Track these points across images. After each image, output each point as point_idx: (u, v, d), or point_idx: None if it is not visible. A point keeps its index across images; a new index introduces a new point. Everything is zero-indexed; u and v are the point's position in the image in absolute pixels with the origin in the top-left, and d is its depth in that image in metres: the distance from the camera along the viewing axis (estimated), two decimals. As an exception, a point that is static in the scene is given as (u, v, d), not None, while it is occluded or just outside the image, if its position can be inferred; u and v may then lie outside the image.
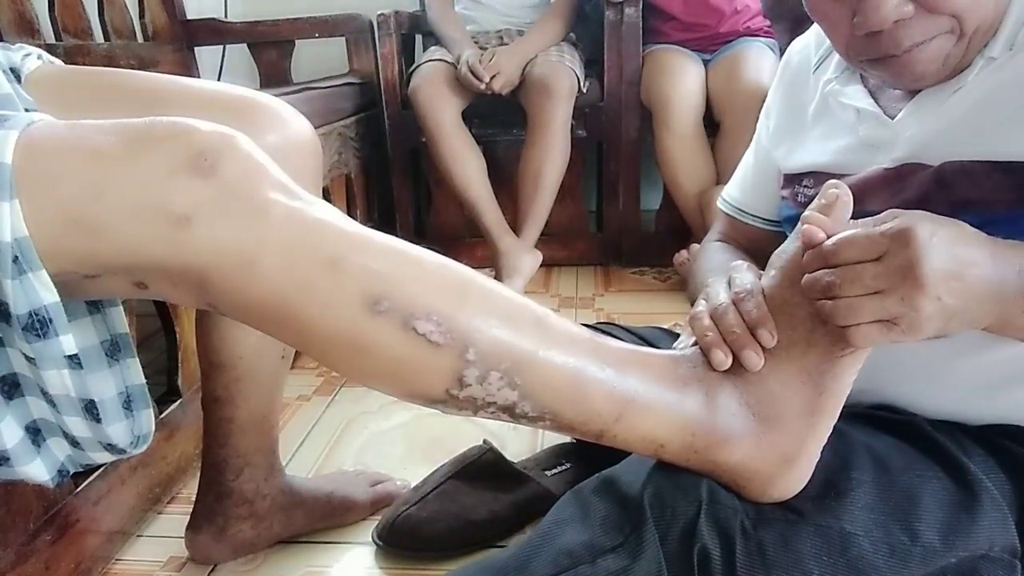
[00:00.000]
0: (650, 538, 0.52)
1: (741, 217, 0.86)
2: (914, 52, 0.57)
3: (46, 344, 0.45)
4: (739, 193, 0.87)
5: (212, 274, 0.45)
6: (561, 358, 0.50)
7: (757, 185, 0.84)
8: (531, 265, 1.68)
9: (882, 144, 0.65)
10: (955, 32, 0.56)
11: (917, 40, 0.56)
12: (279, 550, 0.89)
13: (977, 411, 0.63)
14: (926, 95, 0.62)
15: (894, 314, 0.48)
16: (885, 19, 0.55)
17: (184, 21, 1.85)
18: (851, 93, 0.67)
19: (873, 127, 0.65)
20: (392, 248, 0.49)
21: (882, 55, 0.59)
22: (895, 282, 0.47)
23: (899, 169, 0.63)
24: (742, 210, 0.86)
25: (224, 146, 0.45)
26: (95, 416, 0.51)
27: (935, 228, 0.47)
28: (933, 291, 0.47)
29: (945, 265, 0.47)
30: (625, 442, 0.53)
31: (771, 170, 0.80)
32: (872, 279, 0.48)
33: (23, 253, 0.42)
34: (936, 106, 0.61)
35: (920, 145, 0.62)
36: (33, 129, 0.44)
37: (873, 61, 0.60)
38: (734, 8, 1.73)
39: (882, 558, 0.53)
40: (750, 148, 0.86)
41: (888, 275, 0.48)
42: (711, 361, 0.55)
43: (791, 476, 0.54)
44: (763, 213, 0.84)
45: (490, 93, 1.64)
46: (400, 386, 0.50)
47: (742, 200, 0.87)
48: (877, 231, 0.49)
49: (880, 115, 0.65)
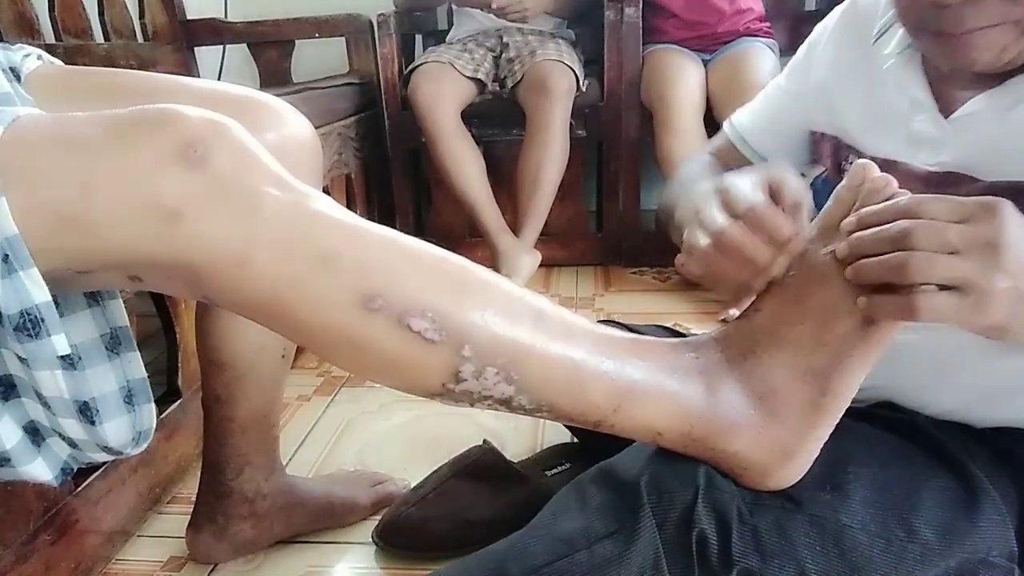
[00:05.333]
0: (647, 524, 0.52)
1: (741, 147, 0.82)
2: (974, 35, 0.53)
3: (38, 344, 0.44)
4: (749, 122, 0.82)
5: (205, 270, 0.44)
6: (559, 351, 0.50)
7: (773, 122, 0.79)
8: (530, 265, 1.68)
9: (930, 143, 0.61)
10: (1020, 25, 0.52)
11: (981, 23, 0.52)
12: (279, 550, 0.89)
13: (984, 413, 0.62)
14: (984, 99, 0.57)
15: (969, 280, 0.46)
16: None
17: (184, 21, 1.85)
18: (909, 78, 0.63)
19: (924, 122, 0.61)
20: (388, 241, 0.48)
21: (939, 30, 0.55)
22: (977, 247, 0.46)
23: (944, 175, 0.60)
24: (744, 140, 0.81)
25: (214, 135, 0.44)
26: (89, 418, 0.51)
27: (1019, 214, 0.46)
28: (1011, 266, 0.45)
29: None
30: (623, 431, 0.53)
31: (797, 115, 0.76)
32: (956, 237, 0.46)
33: (13, 251, 0.41)
34: (995, 115, 0.57)
35: (971, 155, 0.59)
36: (18, 124, 0.43)
37: (927, 32, 0.56)
38: (735, 8, 1.73)
39: (877, 552, 0.53)
40: (777, 80, 0.80)
41: (972, 238, 0.46)
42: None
43: (788, 469, 0.54)
44: (766, 152, 0.79)
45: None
46: (396, 380, 0.49)
47: (750, 130, 0.81)
48: (964, 199, 0.47)
49: (934, 111, 0.61)
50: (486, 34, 1.82)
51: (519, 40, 1.77)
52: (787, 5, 1.88)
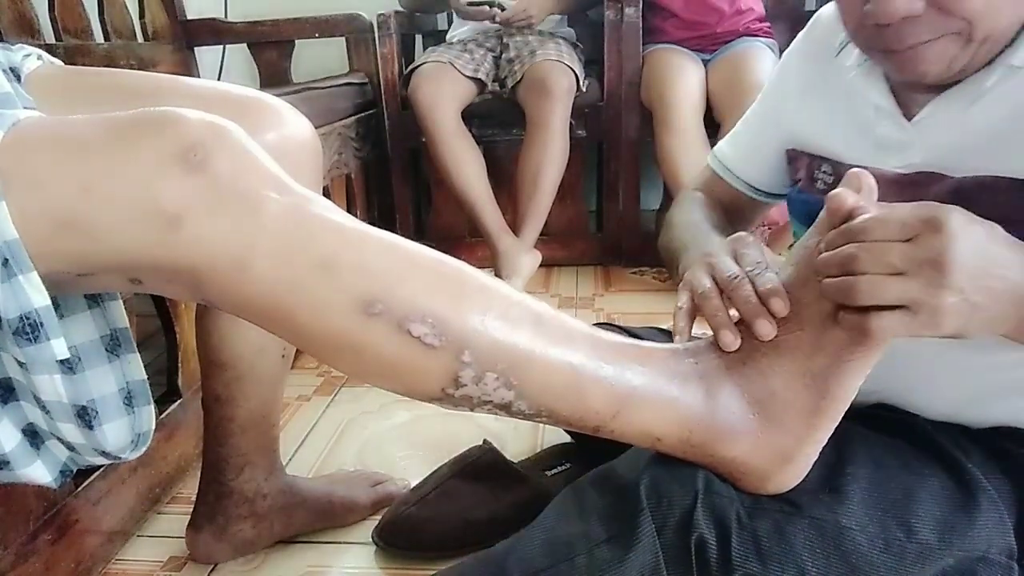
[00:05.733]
0: (646, 528, 0.52)
1: (727, 177, 0.84)
2: (918, 49, 0.55)
3: (37, 348, 0.44)
4: (731, 153, 0.84)
5: (205, 274, 0.44)
6: (558, 357, 0.50)
7: (753, 149, 0.82)
8: (530, 265, 1.68)
9: (897, 147, 0.63)
10: (963, 35, 0.54)
11: (922, 39, 0.54)
12: (279, 550, 0.89)
13: (980, 414, 0.62)
14: (945, 99, 0.59)
15: (915, 300, 0.46)
16: (894, 14, 0.53)
17: (184, 21, 1.85)
18: (871, 86, 0.65)
19: (889, 128, 0.63)
20: (388, 246, 0.48)
21: (885, 47, 0.57)
22: (921, 267, 0.46)
23: (913, 176, 0.61)
24: (729, 170, 0.83)
25: (214, 139, 0.44)
26: (87, 422, 0.51)
27: (968, 222, 0.47)
28: (957, 282, 0.46)
29: (973, 260, 0.46)
30: (623, 436, 0.53)
31: (773, 139, 0.78)
32: (899, 258, 0.47)
33: (13, 255, 0.41)
34: (957, 113, 0.59)
35: (938, 154, 0.60)
36: (18, 128, 0.43)
37: (876, 50, 0.59)
38: (735, 8, 1.73)
39: (877, 553, 0.53)
40: (753, 107, 0.83)
41: (915, 258, 0.46)
42: (720, 341, 0.55)
43: (787, 473, 0.54)
44: (751, 180, 0.82)
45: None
46: (395, 385, 0.50)
47: (732, 161, 0.84)
48: (910, 214, 0.47)
49: (897, 115, 0.63)
50: (486, 34, 1.82)
51: (519, 40, 1.77)
52: (787, 5, 1.88)
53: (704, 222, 0.77)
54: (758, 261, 0.57)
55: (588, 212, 1.96)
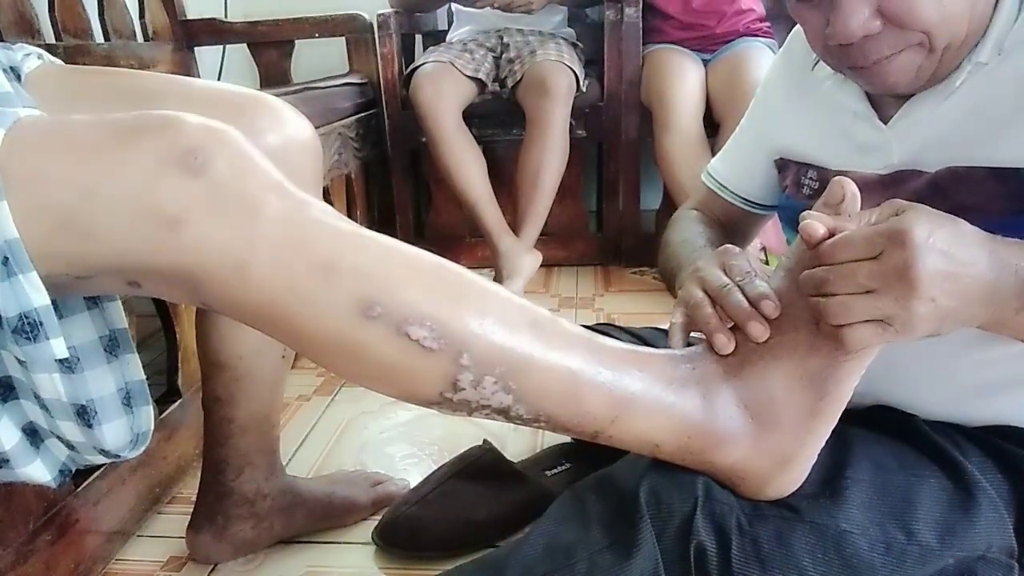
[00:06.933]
0: (646, 535, 0.52)
1: (722, 193, 0.85)
2: (882, 64, 0.57)
3: (36, 348, 0.44)
4: (724, 169, 0.86)
5: (204, 277, 0.44)
6: (557, 361, 0.50)
7: (744, 164, 0.83)
8: (531, 265, 1.68)
9: (876, 149, 0.65)
10: (924, 46, 0.56)
11: (885, 53, 0.56)
12: (279, 550, 0.89)
13: (975, 412, 0.63)
14: (919, 100, 0.61)
15: (887, 314, 0.48)
16: (853, 34, 0.55)
17: (184, 21, 1.85)
18: (847, 93, 0.67)
19: (867, 131, 0.65)
20: (387, 249, 0.48)
21: (851, 65, 0.59)
22: (889, 282, 0.47)
23: (894, 175, 0.63)
24: (723, 186, 0.85)
25: (214, 142, 0.44)
26: (87, 421, 0.51)
27: (932, 229, 0.47)
28: (927, 292, 0.47)
29: (940, 266, 0.47)
30: (621, 442, 0.53)
31: (762, 152, 0.79)
32: (866, 278, 0.48)
33: (13, 255, 0.41)
34: (930, 112, 0.61)
35: (915, 152, 0.62)
36: (18, 127, 0.43)
37: (845, 67, 0.61)
38: (735, 9, 1.73)
39: (878, 556, 0.53)
40: (742, 124, 0.85)
41: (882, 275, 0.47)
42: (714, 345, 0.55)
43: (787, 477, 0.54)
44: (744, 193, 0.84)
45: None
46: (394, 388, 0.49)
47: (726, 176, 0.85)
48: (874, 231, 0.49)
49: (874, 119, 0.65)
50: (486, 34, 1.82)
51: (519, 40, 1.77)
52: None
53: (698, 238, 0.79)
54: (747, 271, 0.58)
55: (588, 212, 1.96)
